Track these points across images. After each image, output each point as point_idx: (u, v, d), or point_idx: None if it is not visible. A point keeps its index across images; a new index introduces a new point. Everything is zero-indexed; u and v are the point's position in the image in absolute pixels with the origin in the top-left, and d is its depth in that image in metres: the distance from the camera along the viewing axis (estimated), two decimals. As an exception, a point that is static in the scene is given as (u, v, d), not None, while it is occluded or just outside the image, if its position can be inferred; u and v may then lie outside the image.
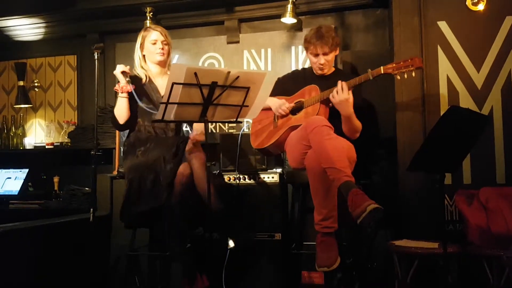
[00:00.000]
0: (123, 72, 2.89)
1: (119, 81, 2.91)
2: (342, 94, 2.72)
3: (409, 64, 2.67)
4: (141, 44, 3.09)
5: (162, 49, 3.04)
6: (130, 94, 2.89)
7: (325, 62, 3.01)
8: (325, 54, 2.99)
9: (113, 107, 4.19)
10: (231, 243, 2.87)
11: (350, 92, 2.74)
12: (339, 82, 2.75)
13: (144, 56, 3.10)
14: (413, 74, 2.69)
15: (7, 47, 4.77)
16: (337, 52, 3.08)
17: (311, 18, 4.05)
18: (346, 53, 3.86)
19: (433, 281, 2.82)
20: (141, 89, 3.00)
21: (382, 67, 2.74)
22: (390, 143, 3.35)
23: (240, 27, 4.21)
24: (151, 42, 3.05)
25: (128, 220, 2.89)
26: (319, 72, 3.07)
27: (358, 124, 2.86)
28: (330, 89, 2.83)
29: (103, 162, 3.86)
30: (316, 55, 3.00)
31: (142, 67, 3.09)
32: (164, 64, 3.10)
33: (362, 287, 2.95)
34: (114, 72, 2.91)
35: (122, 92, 2.89)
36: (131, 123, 2.99)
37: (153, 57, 3.06)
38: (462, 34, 3.19)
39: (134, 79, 3.02)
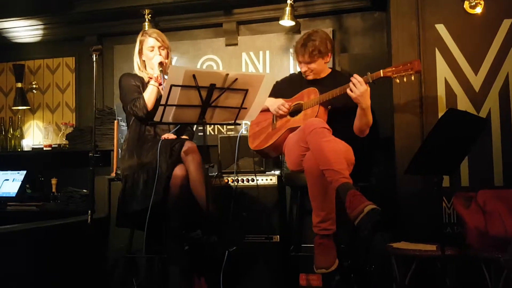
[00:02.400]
0: (160, 63, 2.96)
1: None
2: (360, 86, 2.69)
3: (409, 67, 2.67)
4: (139, 50, 3.09)
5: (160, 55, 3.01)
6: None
7: (307, 69, 3.02)
8: (306, 62, 3.00)
9: (111, 109, 4.25)
10: (231, 246, 2.87)
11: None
12: (354, 76, 2.71)
13: (144, 61, 3.10)
14: (412, 78, 2.69)
15: (5, 49, 4.76)
16: (326, 59, 3.04)
17: (309, 20, 4.06)
18: (344, 56, 3.88)
19: (431, 284, 2.82)
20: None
21: (381, 70, 2.74)
22: (388, 145, 3.36)
23: (239, 29, 4.22)
24: (148, 49, 3.04)
25: (120, 220, 2.90)
26: (308, 78, 3.07)
27: (370, 119, 2.86)
28: (330, 92, 2.83)
29: (101, 164, 3.86)
30: (300, 63, 3.02)
31: (142, 72, 3.09)
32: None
33: (360, 290, 2.95)
34: (153, 61, 2.98)
35: (155, 81, 2.94)
36: (153, 113, 2.93)
37: (152, 64, 3.03)
38: (460, 37, 3.20)
39: (139, 79, 3.05)
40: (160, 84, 2.94)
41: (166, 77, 3.07)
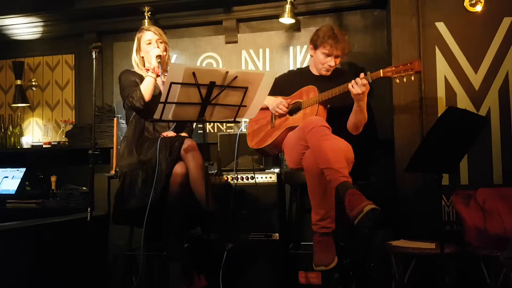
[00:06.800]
0: (158, 56, 2.99)
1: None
2: (363, 87, 2.68)
3: (409, 68, 2.65)
4: (137, 47, 3.11)
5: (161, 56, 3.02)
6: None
7: (335, 65, 3.02)
8: (337, 57, 2.99)
9: (110, 106, 4.25)
10: (229, 245, 2.87)
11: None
12: (361, 74, 2.72)
13: (142, 58, 3.11)
14: (412, 78, 2.68)
15: (4, 46, 4.75)
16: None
17: (309, 18, 4.06)
18: (343, 53, 3.85)
19: (430, 282, 2.82)
20: None
21: (381, 70, 2.73)
22: (388, 144, 3.36)
23: (239, 27, 4.21)
24: (146, 42, 3.07)
25: (117, 217, 2.91)
26: (324, 73, 3.06)
27: (366, 116, 2.86)
28: (330, 90, 2.83)
29: (100, 161, 3.85)
30: (328, 55, 2.99)
31: (141, 70, 3.10)
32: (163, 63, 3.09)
33: None
34: (150, 53, 3.02)
35: (152, 73, 2.97)
36: (150, 107, 2.90)
37: (150, 57, 3.05)
38: (460, 35, 3.20)
39: (139, 76, 3.06)
40: (157, 75, 2.97)
41: (166, 74, 3.09)
